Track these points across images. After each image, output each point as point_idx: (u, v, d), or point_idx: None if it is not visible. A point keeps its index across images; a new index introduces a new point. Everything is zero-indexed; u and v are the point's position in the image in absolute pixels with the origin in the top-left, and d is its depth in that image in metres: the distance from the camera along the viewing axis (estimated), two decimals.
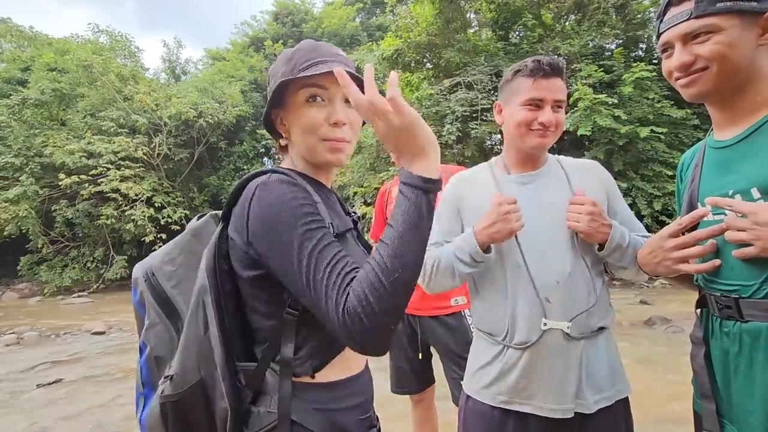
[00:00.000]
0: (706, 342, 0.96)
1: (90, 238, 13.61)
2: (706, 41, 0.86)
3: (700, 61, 0.88)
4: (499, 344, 1.20)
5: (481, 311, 1.27)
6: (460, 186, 1.35)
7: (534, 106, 1.18)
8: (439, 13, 10.12)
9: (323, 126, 0.86)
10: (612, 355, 1.20)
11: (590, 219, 1.12)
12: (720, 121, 0.97)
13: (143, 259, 0.97)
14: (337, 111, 0.86)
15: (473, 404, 1.24)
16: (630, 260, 1.15)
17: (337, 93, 0.86)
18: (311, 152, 0.89)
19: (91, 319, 7.97)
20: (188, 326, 0.81)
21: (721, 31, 0.85)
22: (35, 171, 12.75)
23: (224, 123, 14.79)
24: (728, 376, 0.91)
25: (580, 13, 10.50)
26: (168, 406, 0.81)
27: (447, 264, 1.22)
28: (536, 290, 1.15)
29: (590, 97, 7.89)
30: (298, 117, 0.87)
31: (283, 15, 23.13)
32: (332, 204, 0.93)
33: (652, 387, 3.49)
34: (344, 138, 0.88)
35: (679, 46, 0.90)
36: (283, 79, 0.84)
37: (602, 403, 1.14)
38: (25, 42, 18.06)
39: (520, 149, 1.25)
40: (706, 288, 0.97)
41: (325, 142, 0.87)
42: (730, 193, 0.89)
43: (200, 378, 0.80)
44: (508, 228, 1.12)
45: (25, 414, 3.61)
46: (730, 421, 0.91)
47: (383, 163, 10.13)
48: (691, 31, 0.87)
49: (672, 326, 5.38)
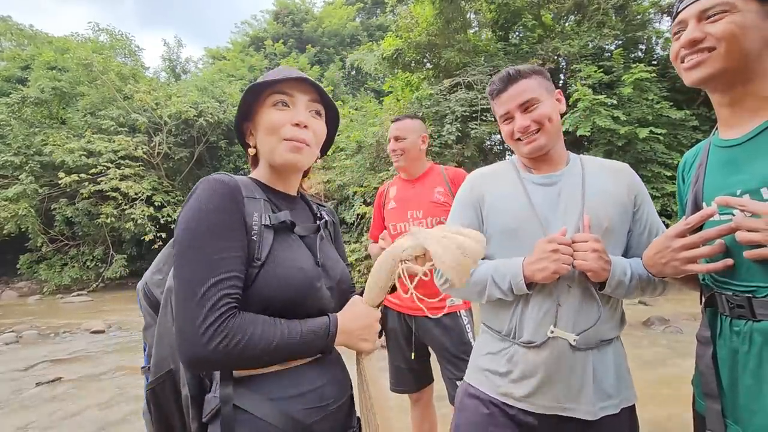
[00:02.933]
0: (713, 341, 0.95)
1: (90, 236, 13.59)
2: (720, 20, 0.85)
3: (709, 39, 0.87)
4: (505, 341, 1.19)
5: (489, 307, 1.26)
6: (482, 181, 1.32)
7: (508, 119, 1.23)
8: (440, 14, 10.12)
9: (286, 126, 0.92)
10: (620, 363, 1.18)
11: (597, 256, 1.06)
12: (727, 118, 0.96)
13: (143, 257, 1.04)
14: (300, 113, 0.94)
15: (472, 390, 1.23)
16: (634, 291, 1.12)
17: (301, 100, 0.95)
18: (272, 153, 0.94)
19: (91, 317, 7.96)
20: (159, 322, 0.92)
21: (736, 11, 0.83)
22: (35, 169, 12.73)
23: (224, 122, 14.77)
24: (736, 376, 0.90)
25: (580, 14, 10.50)
26: (148, 395, 0.91)
27: (479, 282, 1.19)
28: (549, 291, 1.13)
29: (589, 98, 7.89)
30: (264, 121, 0.94)
31: (283, 14, 23.13)
32: (290, 209, 0.98)
33: (651, 387, 3.49)
34: (305, 140, 0.94)
35: (693, 24, 0.89)
36: (251, 83, 0.93)
37: (609, 410, 1.12)
38: (25, 40, 18.04)
39: (522, 155, 1.27)
40: (716, 287, 0.96)
41: (285, 142, 0.93)
42: (738, 193, 0.88)
43: (170, 368, 0.90)
44: (553, 267, 1.06)
45: (24, 412, 3.61)
46: (734, 421, 0.90)
47: (383, 162, 10.13)
48: (707, 8, 0.86)
49: (670, 326, 5.39)
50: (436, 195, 2.11)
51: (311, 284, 0.90)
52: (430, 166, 2.25)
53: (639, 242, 1.21)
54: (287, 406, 0.85)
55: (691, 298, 1.24)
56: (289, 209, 0.97)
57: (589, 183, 1.20)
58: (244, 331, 0.78)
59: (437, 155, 9.16)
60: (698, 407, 1.03)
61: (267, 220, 0.88)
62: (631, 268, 1.12)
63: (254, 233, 0.85)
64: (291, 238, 0.92)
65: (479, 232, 0.95)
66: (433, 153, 9.14)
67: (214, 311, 0.77)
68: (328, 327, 0.88)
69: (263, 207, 0.89)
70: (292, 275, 0.87)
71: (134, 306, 11.04)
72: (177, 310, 0.79)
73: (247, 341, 0.78)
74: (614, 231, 1.17)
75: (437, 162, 3.14)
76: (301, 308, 0.89)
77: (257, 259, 0.84)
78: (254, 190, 0.91)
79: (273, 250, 0.86)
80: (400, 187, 2.25)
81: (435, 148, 9.15)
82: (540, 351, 1.12)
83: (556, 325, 1.11)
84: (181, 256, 0.80)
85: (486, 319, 1.28)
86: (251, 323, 0.80)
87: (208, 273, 0.78)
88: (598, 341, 1.13)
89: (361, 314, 0.94)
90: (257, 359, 0.80)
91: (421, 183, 2.19)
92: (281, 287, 0.85)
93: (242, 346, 0.77)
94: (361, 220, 9.87)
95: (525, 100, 1.19)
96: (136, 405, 3.57)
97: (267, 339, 0.80)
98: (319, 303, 0.93)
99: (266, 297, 0.84)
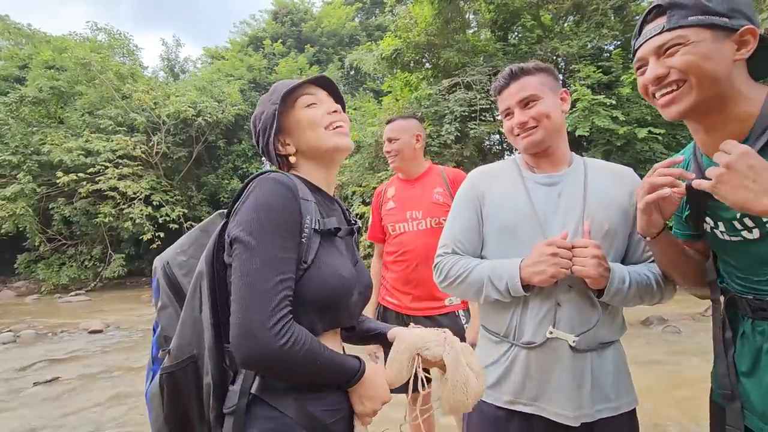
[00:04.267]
0: (734, 342, 0.98)
1: (88, 236, 13.57)
2: (677, 53, 0.87)
3: (674, 72, 0.88)
4: (506, 342, 1.19)
5: (488, 309, 1.25)
6: (482, 180, 1.32)
7: (508, 114, 1.25)
8: (438, 14, 10.12)
9: (324, 117, 0.99)
10: (620, 367, 1.18)
11: (596, 263, 1.05)
12: (706, 142, 0.96)
13: (141, 257, 1.04)
14: (331, 104, 1.02)
15: (478, 405, 1.24)
16: (633, 298, 1.12)
17: (325, 96, 1.03)
18: (320, 142, 0.98)
19: (89, 317, 7.94)
20: (186, 307, 0.90)
21: (690, 42, 0.85)
22: (33, 169, 12.71)
23: (223, 122, 14.77)
24: (761, 375, 0.92)
25: (579, 14, 10.51)
26: (164, 378, 0.90)
27: (476, 281, 1.19)
28: (548, 292, 1.13)
29: (588, 98, 7.90)
30: (301, 122, 0.98)
31: (282, 14, 23.09)
32: (332, 209, 1.01)
33: (649, 387, 3.50)
34: (344, 123, 1.01)
35: (653, 60, 0.91)
36: (283, 92, 0.97)
37: (606, 412, 1.11)
38: (23, 39, 17.97)
39: (520, 150, 1.28)
40: (736, 291, 0.98)
41: (329, 130, 0.99)
42: (738, 216, 0.90)
43: (193, 354, 0.89)
44: (551, 272, 1.06)
45: (21, 412, 3.60)
46: (760, 418, 0.92)
47: (382, 162, 10.12)
48: (662, 44, 0.88)
49: (669, 326, 5.40)
50: (436, 195, 2.10)
51: (349, 291, 0.92)
52: (429, 167, 2.24)
53: (638, 248, 1.20)
54: (308, 404, 0.85)
55: (690, 299, 1.23)
56: (331, 211, 0.99)
57: (591, 185, 1.19)
58: (306, 337, 0.80)
59: (436, 155, 9.17)
60: (716, 397, 1.04)
61: (317, 224, 0.89)
62: (629, 276, 1.10)
63: (305, 236, 0.86)
64: (335, 242, 0.94)
65: (482, 368, 0.96)
66: (432, 153, 9.15)
67: (279, 310, 0.78)
68: (357, 372, 0.88)
69: (314, 210, 0.90)
70: (334, 282, 0.88)
71: (133, 305, 11.01)
72: (239, 304, 0.78)
73: (308, 348, 0.79)
74: (614, 234, 1.16)
75: (436, 162, 3.14)
76: (334, 312, 0.91)
77: (304, 262, 0.85)
78: (306, 191, 0.92)
79: (318, 254, 0.88)
80: (398, 187, 2.24)
81: (434, 148, 9.16)
82: (540, 352, 1.12)
83: (555, 326, 1.11)
84: (247, 250, 0.80)
85: (486, 321, 1.28)
86: (307, 335, 0.81)
87: (274, 271, 0.79)
88: (597, 343, 1.13)
89: (378, 385, 0.92)
90: (305, 369, 0.81)
91: (420, 183, 2.18)
92: (322, 292, 0.86)
93: (304, 351, 0.79)
94: (359, 220, 9.87)
95: (524, 97, 1.20)
96: (135, 405, 3.56)
97: (316, 353, 0.81)
98: (350, 308, 0.95)
99: (306, 299, 0.85)
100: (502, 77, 1.26)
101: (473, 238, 1.28)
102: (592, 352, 1.12)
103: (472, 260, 1.24)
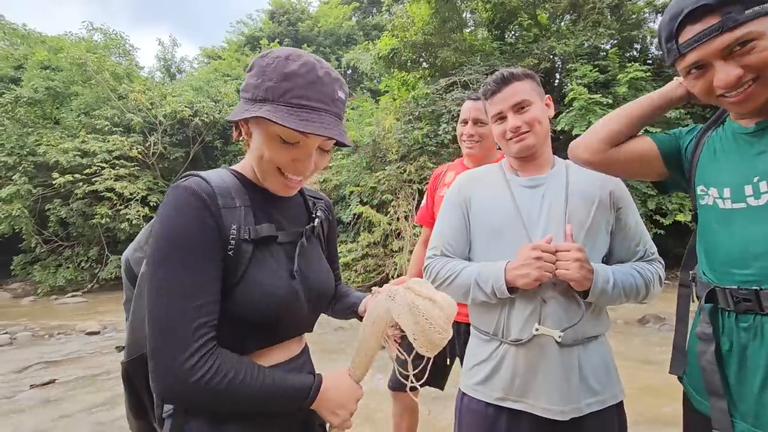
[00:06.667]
0: (716, 338, 0.95)
1: (84, 237, 13.50)
2: (753, 49, 0.83)
3: (750, 71, 0.85)
4: (495, 340, 1.21)
5: (477, 309, 1.28)
6: (468, 183, 1.36)
7: (500, 119, 1.27)
8: (435, 13, 10.14)
9: (288, 164, 0.83)
10: (606, 360, 1.20)
11: (579, 266, 1.09)
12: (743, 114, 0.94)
13: None
14: (307, 158, 0.83)
15: (468, 402, 1.25)
16: (618, 298, 1.15)
17: (312, 143, 0.82)
18: (263, 177, 0.86)
19: (86, 319, 7.90)
20: (135, 306, 0.87)
21: (762, 36, 0.82)
22: (28, 170, 12.62)
23: (220, 122, 14.71)
24: (745, 372, 0.90)
25: (576, 13, 10.55)
26: (122, 372, 0.90)
27: (463, 284, 1.21)
28: (534, 291, 1.14)
29: (585, 97, 7.93)
30: (265, 146, 0.81)
31: (279, 14, 23.05)
32: (279, 208, 0.91)
33: (645, 386, 3.51)
34: (302, 176, 0.86)
35: (721, 63, 0.86)
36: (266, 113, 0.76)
37: (594, 406, 1.14)
38: (17, 40, 17.87)
39: (510, 155, 1.30)
40: (718, 282, 0.96)
41: (281, 177, 0.84)
42: (755, 181, 0.89)
43: (143, 353, 0.82)
44: (535, 275, 1.09)
45: (18, 415, 3.58)
46: (742, 418, 0.90)
47: (379, 162, 10.12)
48: (729, 44, 0.84)
49: (665, 324, 5.42)
50: None
51: (288, 307, 0.86)
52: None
53: (621, 246, 1.24)
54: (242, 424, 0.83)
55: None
56: (277, 209, 0.90)
57: (572, 185, 1.23)
58: (231, 368, 0.74)
59: (434, 154, 9.18)
60: (696, 405, 1.02)
61: (246, 233, 0.80)
62: (613, 276, 1.14)
63: (231, 249, 0.78)
64: (271, 249, 0.86)
65: (449, 297, 0.89)
66: (430, 152, 9.16)
67: (193, 342, 0.72)
68: (309, 390, 0.83)
69: (243, 217, 0.81)
70: (265, 302, 0.81)
71: None
72: (151, 337, 0.73)
73: (229, 382, 0.73)
74: (597, 230, 1.20)
75: (434, 162, 3.11)
76: (275, 327, 0.86)
77: (232, 277, 0.78)
78: (234, 194, 0.82)
79: (248, 270, 0.80)
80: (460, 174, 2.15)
81: (431, 147, 9.16)
82: (527, 348, 1.15)
83: (541, 323, 1.13)
84: (153, 277, 0.73)
85: (475, 321, 1.31)
86: (236, 363, 0.76)
87: (185, 299, 0.72)
88: (583, 338, 1.16)
89: (343, 389, 0.87)
90: (235, 403, 0.75)
91: None
92: (254, 312, 0.80)
93: (228, 383, 0.73)
94: (357, 220, 9.86)
95: (518, 101, 1.23)
96: None
97: (249, 385, 0.75)
98: (295, 317, 0.89)
99: (238, 316, 0.79)
100: (494, 82, 1.27)
101: (461, 240, 1.31)
102: (578, 346, 1.15)
103: (459, 263, 1.27)
